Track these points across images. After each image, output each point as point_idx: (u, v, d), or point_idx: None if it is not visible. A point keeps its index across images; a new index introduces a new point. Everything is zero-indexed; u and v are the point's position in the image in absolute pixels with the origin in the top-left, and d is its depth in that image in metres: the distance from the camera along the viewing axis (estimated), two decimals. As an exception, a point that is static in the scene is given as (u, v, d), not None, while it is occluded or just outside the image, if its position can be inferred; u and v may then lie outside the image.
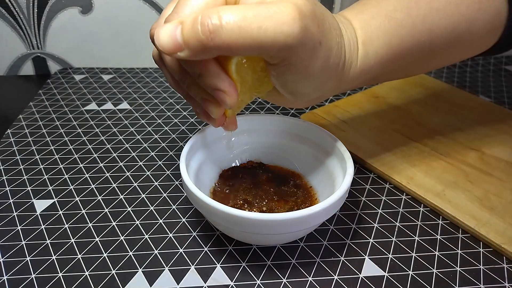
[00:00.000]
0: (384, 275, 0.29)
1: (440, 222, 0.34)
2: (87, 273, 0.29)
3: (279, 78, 0.24)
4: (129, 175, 0.39)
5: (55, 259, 0.30)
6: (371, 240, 0.32)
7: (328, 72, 0.25)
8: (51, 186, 0.37)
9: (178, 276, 0.29)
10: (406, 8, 0.29)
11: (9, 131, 0.45)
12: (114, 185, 0.37)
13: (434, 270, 0.30)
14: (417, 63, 0.32)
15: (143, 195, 0.36)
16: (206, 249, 0.31)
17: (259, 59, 0.24)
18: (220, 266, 0.30)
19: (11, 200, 0.35)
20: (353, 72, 0.28)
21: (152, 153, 0.42)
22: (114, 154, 0.42)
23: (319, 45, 0.23)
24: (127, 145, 0.43)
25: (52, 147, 0.42)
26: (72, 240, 0.31)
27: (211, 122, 0.28)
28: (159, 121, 0.48)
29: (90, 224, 0.33)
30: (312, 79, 0.24)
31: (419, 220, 0.34)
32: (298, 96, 0.26)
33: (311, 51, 0.22)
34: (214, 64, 0.23)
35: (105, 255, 0.30)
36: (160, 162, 0.41)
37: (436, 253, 0.31)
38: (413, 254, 0.31)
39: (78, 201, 0.35)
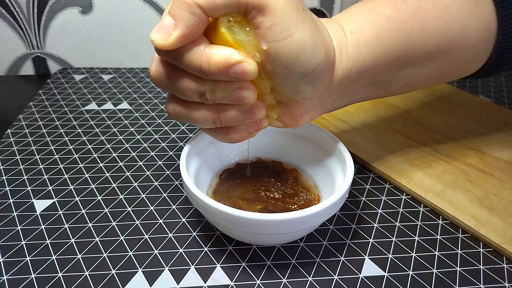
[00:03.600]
0: (384, 275, 0.29)
1: (440, 222, 0.34)
2: (87, 273, 0.29)
3: (272, 47, 0.23)
4: (129, 175, 0.39)
5: (55, 259, 0.30)
6: (371, 240, 0.32)
7: (318, 45, 0.24)
8: (51, 186, 0.37)
9: (178, 276, 0.29)
10: (394, 6, 0.29)
11: (9, 131, 0.45)
12: (114, 185, 0.37)
13: (434, 270, 0.30)
14: (412, 68, 0.31)
15: (143, 195, 0.36)
16: (206, 249, 0.31)
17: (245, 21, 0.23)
18: (220, 266, 0.30)
19: (11, 200, 0.35)
20: (346, 61, 0.27)
21: (152, 153, 0.42)
22: (114, 154, 0.42)
23: (303, 10, 0.23)
24: (127, 145, 0.43)
25: (52, 147, 0.42)
26: (72, 240, 0.31)
27: (260, 124, 0.27)
28: (159, 121, 0.48)
29: (90, 224, 0.33)
30: (303, 51, 0.23)
31: (419, 220, 0.34)
32: (294, 86, 0.25)
33: (296, 12, 0.22)
34: (214, 47, 0.23)
35: (105, 255, 0.30)
36: (160, 162, 0.41)
37: (436, 253, 0.31)
38: (413, 254, 0.31)
39: (78, 201, 0.35)
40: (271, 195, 0.33)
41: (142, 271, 0.29)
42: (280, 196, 0.33)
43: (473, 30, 0.30)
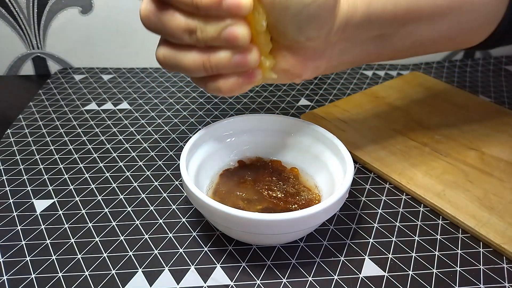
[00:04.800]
0: (384, 275, 0.29)
1: (440, 222, 0.34)
2: (87, 273, 0.29)
3: None
4: (129, 175, 0.39)
5: (55, 259, 0.30)
6: (371, 240, 0.32)
7: None
8: (51, 186, 0.37)
9: (178, 276, 0.29)
10: None
11: (9, 131, 0.45)
12: (114, 185, 0.37)
13: (434, 270, 0.30)
14: (422, 23, 0.30)
15: (143, 195, 0.36)
16: (206, 249, 0.31)
17: None
18: (220, 266, 0.30)
19: (11, 200, 0.35)
20: None
21: (152, 153, 0.42)
22: (114, 154, 0.42)
23: None
24: (127, 145, 0.43)
25: (52, 147, 0.42)
26: (72, 240, 0.31)
27: (252, 75, 0.26)
28: (159, 121, 0.48)
29: (90, 224, 0.33)
30: None
31: (419, 220, 0.34)
32: (297, 26, 0.24)
33: None
34: None
35: (105, 255, 0.30)
36: (160, 162, 0.41)
37: (436, 253, 0.31)
38: (413, 254, 0.31)
39: (78, 201, 0.35)
40: (274, 194, 0.33)
41: (142, 271, 0.29)
42: (282, 195, 0.33)
43: None
